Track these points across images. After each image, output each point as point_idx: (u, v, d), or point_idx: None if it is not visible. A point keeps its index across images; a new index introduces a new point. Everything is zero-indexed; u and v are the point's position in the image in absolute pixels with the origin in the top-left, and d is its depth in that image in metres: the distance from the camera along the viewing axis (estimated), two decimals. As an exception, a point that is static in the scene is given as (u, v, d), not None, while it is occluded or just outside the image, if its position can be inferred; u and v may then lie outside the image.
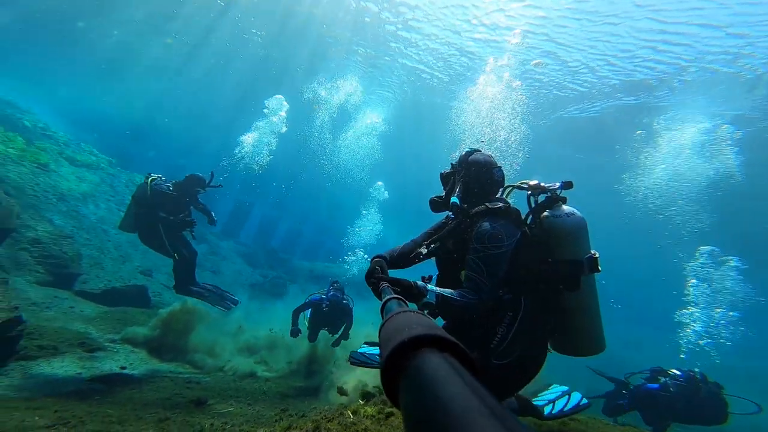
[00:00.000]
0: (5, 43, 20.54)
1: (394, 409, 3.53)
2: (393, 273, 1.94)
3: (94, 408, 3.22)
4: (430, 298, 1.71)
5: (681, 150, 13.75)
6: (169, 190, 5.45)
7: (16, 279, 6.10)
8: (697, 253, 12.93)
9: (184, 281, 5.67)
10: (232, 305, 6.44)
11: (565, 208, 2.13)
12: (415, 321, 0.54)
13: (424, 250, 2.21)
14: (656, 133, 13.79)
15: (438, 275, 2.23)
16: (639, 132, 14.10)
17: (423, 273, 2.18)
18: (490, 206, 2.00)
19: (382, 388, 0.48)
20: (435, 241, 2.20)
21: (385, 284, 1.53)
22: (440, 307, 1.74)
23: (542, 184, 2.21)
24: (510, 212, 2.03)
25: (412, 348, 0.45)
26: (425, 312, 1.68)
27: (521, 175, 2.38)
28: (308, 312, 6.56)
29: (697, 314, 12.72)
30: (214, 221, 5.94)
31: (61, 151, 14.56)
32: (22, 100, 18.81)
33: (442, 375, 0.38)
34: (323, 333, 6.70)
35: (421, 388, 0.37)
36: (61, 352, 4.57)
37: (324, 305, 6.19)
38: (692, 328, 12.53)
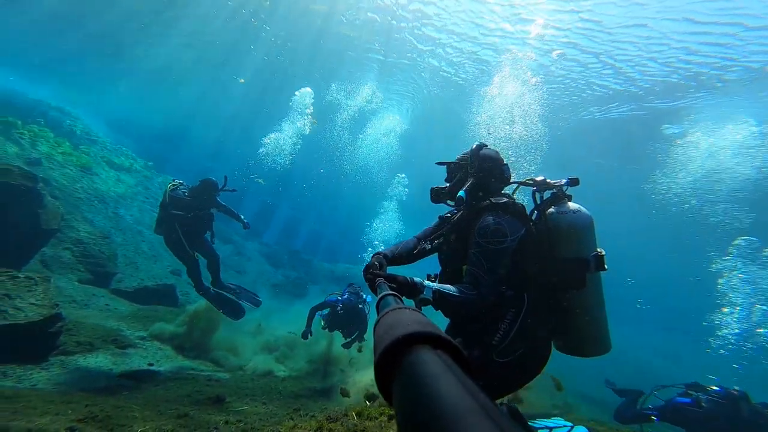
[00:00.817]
0: (61, 55, 22.28)
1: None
2: (396, 270, 1.89)
3: (121, 403, 3.49)
4: (426, 294, 1.68)
5: (719, 150, 13.04)
6: (185, 195, 5.77)
7: (59, 277, 6.67)
8: (735, 243, 12.31)
9: (199, 283, 6.01)
10: (253, 305, 6.78)
11: (571, 205, 2.10)
12: (410, 318, 0.54)
13: (428, 246, 2.23)
14: (690, 133, 13.15)
15: (440, 271, 2.21)
16: (665, 126, 13.41)
17: (428, 270, 2.24)
18: (494, 201, 1.99)
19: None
20: (439, 237, 2.21)
21: (381, 280, 1.51)
22: (438, 302, 1.72)
23: (548, 180, 2.18)
24: (515, 208, 2.00)
25: (405, 345, 0.45)
26: (421, 308, 1.66)
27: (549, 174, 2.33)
28: (325, 311, 6.63)
29: (735, 315, 12.12)
30: (247, 225, 6.20)
31: (103, 154, 15.65)
32: (72, 107, 20.39)
33: (434, 372, 0.38)
34: (338, 333, 6.82)
35: (413, 385, 0.37)
36: (96, 348, 4.95)
37: (339, 308, 6.28)
38: (729, 330, 11.93)
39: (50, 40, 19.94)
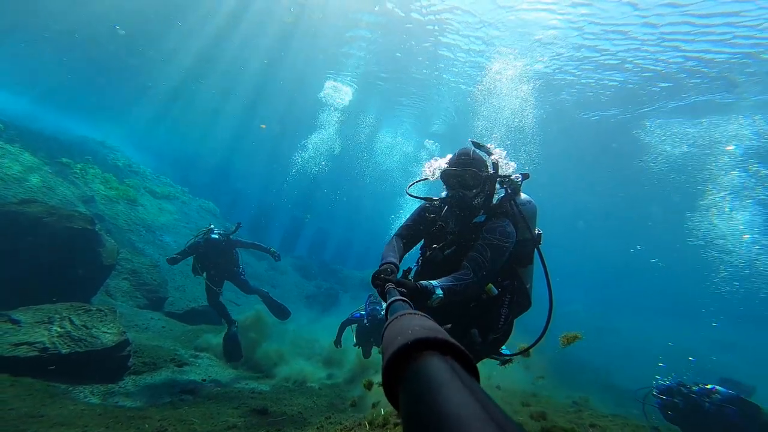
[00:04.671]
0: (100, 90, 24.63)
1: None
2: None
3: (183, 416, 4.13)
4: (438, 294, 1.72)
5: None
6: (200, 244, 6.73)
7: (121, 305, 7.62)
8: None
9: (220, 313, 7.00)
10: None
11: (524, 195, 2.50)
12: (419, 323, 0.54)
13: (440, 255, 2.32)
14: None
15: (422, 263, 2.43)
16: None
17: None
18: (511, 208, 2.37)
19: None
20: (452, 244, 2.32)
21: (390, 285, 1.52)
22: (448, 297, 1.78)
23: (511, 176, 2.47)
24: (514, 215, 2.37)
25: (413, 351, 0.45)
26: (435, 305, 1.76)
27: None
28: (355, 326, 6.92)
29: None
30: (278, 257, 6.95)
31: (145, 185, 17.09)
32: (110, 139, 22.34)
33: (441, 379, 0.37)
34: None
35: (419, 391, 0.37)
36: (159, 367, 5.71)
37: (365, 321, 6.63)
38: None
39: (97, 83, 22.09)
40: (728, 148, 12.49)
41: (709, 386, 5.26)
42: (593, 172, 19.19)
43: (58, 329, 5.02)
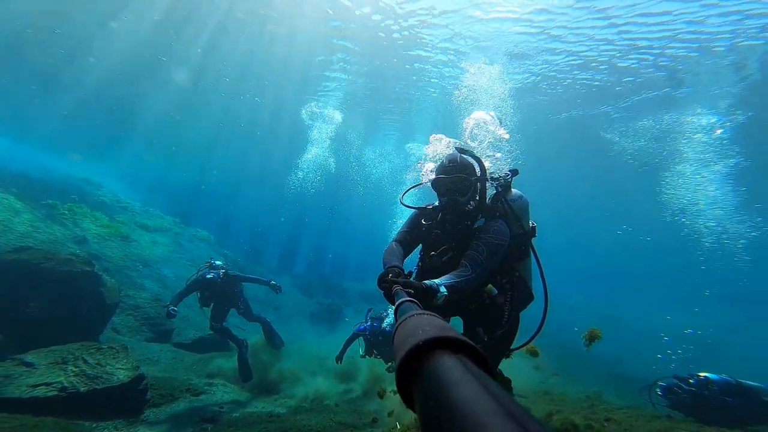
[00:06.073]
0: (81, 128, 24.49)
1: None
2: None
3: (210, 442, 4.13)
4: (443, 292, 1.76)
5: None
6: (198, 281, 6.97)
7: (129, 340, 7.54)
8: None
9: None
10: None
11: (514, 191, 2.60)
12: (429, 323, 0.54)
13: (439, 261, 2.34)
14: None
15: (420, 271, 2.46)
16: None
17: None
18: (503, 206, 2.48)
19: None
20: (449, 250, 2.34)
21: (398, 287, 1.52)
22: (451, 295, 1.81)
23: (499, 174, 2.57)
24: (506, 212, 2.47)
25: (425, 350, 0.45)
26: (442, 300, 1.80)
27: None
28: (362, 339, 7.01)
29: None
30: (278, 289, 7.11)
31: (135, 219, 16.87)
32: (94, 175, 22.03)
33: (456, 377, 0.37)
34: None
35: (434, 390, 0.37)
36: (176, 398, 5.68)
37: (367, 335, 6.75)
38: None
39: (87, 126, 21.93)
40: (717, 131, 13.14)
41: (701, 375, 5.53)
42: (572, 165, 19.79)
43: (74, 369, 4.99)
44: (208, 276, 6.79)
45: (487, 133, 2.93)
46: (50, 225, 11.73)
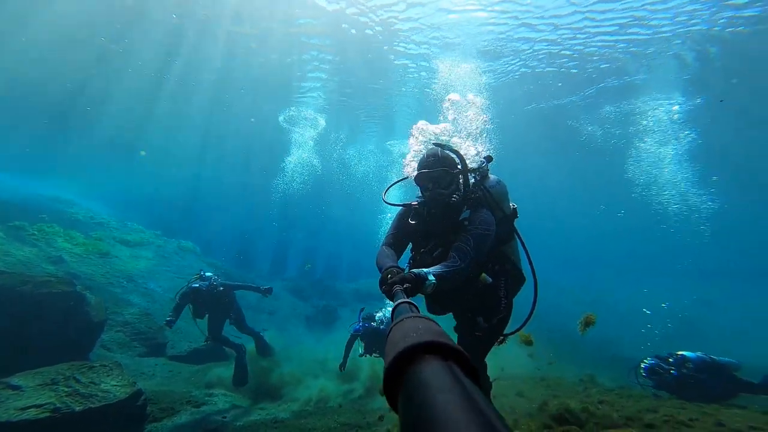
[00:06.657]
0: (43, 148, 23.33)
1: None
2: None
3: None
4: (432, 281, 1.80)
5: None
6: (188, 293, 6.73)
7: (122, 356, 7.22)
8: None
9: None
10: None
11: (492, 177, 2.62)
12: (422, 327, 0.54)
13: (429, 258, 2.35)
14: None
15: (411, 264, 2.48)
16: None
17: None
18: (485, 196, 2.46)
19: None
20: (438, 246, 2.36)
21: (397, 287, 1.54)
22: (440, 284, 1.83)
23: (478, 165, 2.60)
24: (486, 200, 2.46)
25: (414, 354, 0.45)
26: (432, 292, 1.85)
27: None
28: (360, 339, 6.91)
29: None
30: (267, 292, 7.04)
31: (113, 235, 16.22)
32: (64, 193, 21.09)
33: (440, 383, 0.37)
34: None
35: (417, 395, 0.37)
36: (177, 411, 5.47)
37: (363, 335, 6.67)
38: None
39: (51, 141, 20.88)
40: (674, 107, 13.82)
41: (679, 354, 5.81)
42: (547, 156, 20.25)
43: (65, 389, 4.72)
44: (194, 285, 6.62)
45: (468, 118, 2.94)
46: (20, 248, 11.06)
